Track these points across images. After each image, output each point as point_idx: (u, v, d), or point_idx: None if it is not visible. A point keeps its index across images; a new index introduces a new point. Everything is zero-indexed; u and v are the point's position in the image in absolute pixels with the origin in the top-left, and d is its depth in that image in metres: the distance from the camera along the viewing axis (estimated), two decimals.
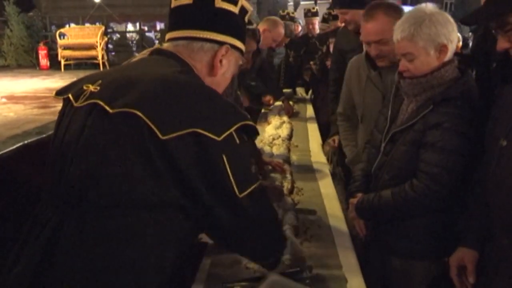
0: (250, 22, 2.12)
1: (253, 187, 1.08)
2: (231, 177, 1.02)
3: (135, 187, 0.99)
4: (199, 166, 0.99)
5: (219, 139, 0.99)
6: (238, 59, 1.28)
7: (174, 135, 0.96)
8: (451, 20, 1.61)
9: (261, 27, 3.69)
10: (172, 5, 1.21)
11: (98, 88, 1.07)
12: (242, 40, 1.26)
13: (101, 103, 1.02)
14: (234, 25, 1.22)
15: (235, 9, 1.20)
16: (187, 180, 0.99)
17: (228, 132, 1.01)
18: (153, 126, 0.96)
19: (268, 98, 3.93)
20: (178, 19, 1.21)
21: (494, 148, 1.38)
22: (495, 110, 1.45)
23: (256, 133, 1.13)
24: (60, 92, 1.17)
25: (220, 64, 1.21)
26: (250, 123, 1.08)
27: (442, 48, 1.59)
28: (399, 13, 1.97)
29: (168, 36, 1.22)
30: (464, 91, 1.60)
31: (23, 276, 1.02)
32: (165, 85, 1.04)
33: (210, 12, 1.18)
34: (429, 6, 1.62)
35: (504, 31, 1.25)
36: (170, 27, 1.22)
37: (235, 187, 1.03)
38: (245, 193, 1.05)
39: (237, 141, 1.04)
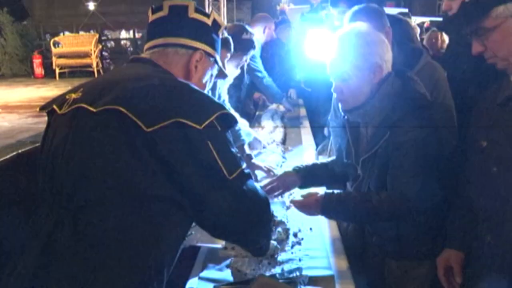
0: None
1: (240, 169, 1.11)
2: (219, 161, 1.06)
3: (125, 182, 1.02)
4: (187, 155, 1.03)
5: (201, 127, 1.04)
6: (212, 68, 1.33)
7: (158, 126, 1.00)
8: (385, 39, 1.61)
9: (260, 24, 4.14)
10: (150, 19, 1.29)
11: (80, 94, 1.12)
12: (216, 51, 1.32)
13: (84, 105, 1.06)
14: (208, 34, 1.29)
15: (208, 21, 1.28)
16: (176, 170, 1.03)
17: (209, 121, 1.06)
18: (136, 120, 1.00)
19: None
20: (154, 30, 1.28)
21: (475, 150, 1.42)
22: (474, 113, 1.48)
23: (235, 122, 1.18)
24: (44, 107, 1.21)
25: (195, 69, 1.27)
26: (229, 112, 1.13)
27: (376, 69, 1.56)
28: (380, 14, 2.00)
29: (145, 47, 1.28)
30: (413, 100, 1.56)
31: (21, 282, 1.04)
32: (144, 82, 1.10)
33: (183, 21, 1.26)
34: (364, 26, 1.63)
35: (478, 35, 1.30)
36: (147, 39, 1.29)
37: (224, 170, 1.07)
38: (235, 175, 1.09)
39: (219, 128, 1.09)
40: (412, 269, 1.75)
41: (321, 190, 1.76)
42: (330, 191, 1.70)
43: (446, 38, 4.74)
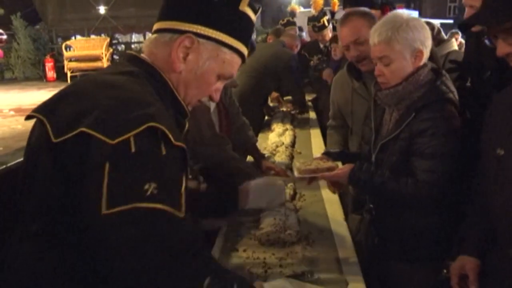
0: None
1: (130, 206, 0.86)
2: (104, 189, 0.85)
3: (44, 193, 0.94)
4: (79, 174, 0.88)
5: (113, 142, 0.85)
6: (219, 53, 1.04)
7: (64, 138, 0.88)
8: (426, 26, 1.67)
9: (291, 40, 4.51)
10: None
11: None
12: (225, 30, 1.02)
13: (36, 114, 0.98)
14: (200, 9, 1.01)
15: None
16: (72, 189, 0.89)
17: (124, 137, 0.86)
18: (49, 129, 0.90)
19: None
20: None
21: (491, 157, 1.35)
22: (488, 119, 1.43)
23: (169, 140, 0.91)
24: None
25: (184, 59, 1.03)
26: (161, 127, 0.89)
27: (417, 54, 1.63)
28: (372, 16, 2.05)
29: None
30: (442, 92, 1.63)
31: None
32: (78, 87, 0.99)
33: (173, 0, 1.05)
34: (406, 13, 1.68)
35: (508, 35, 1.20)
36: None
37: (103, 201, 0.85)
38: (114, 210, 0.85)
39: (133, 149, 0.86)
40: (414, 271, 1.75)
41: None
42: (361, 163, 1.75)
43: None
